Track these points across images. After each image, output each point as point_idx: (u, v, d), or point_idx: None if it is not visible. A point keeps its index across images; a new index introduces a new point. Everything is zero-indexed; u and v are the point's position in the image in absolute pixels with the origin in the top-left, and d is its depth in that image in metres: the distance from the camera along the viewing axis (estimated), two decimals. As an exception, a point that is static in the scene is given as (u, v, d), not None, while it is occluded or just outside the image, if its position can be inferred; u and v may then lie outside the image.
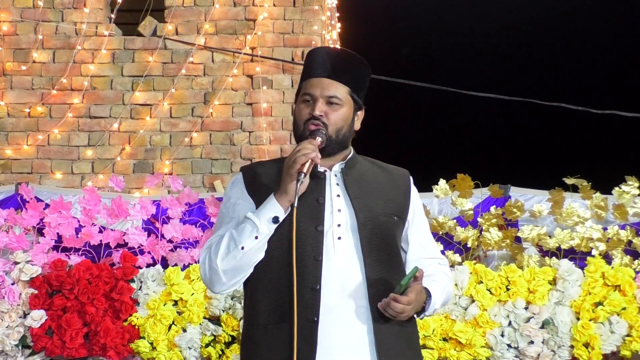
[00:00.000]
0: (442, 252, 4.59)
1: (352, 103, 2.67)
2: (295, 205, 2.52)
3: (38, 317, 4.40)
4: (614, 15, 11.29)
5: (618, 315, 4.21)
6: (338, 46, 8.36)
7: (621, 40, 11.59)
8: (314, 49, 2.77)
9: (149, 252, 4.69)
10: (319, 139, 2.61)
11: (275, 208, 2.55)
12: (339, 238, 2.57)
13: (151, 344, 4.39)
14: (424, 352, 4.22)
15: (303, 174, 2.53)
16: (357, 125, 2.73)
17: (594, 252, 4.53)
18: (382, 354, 2.52)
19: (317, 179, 2.65)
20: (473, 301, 4.26)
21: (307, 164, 2.55)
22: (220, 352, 4.38)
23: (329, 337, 2.52)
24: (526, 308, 4.25)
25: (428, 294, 2.59)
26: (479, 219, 4.67)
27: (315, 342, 2.51)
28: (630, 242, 4.54)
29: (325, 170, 2.67)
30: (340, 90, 2.65)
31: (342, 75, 2.66)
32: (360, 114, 2.73)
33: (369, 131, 2.89)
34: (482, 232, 4.62)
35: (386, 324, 2.53)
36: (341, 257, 2.57)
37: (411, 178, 2.78)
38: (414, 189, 2.76)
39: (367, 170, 2.73)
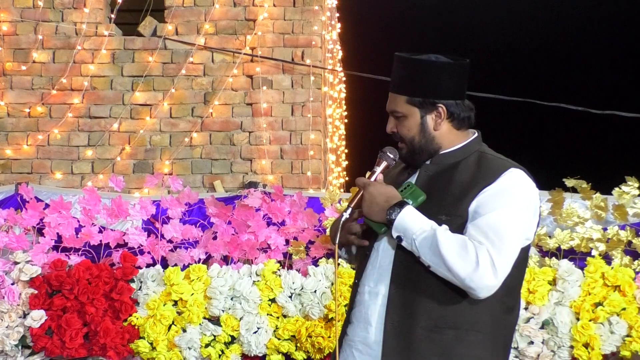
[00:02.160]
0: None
1: (417, 109, 2.62)
2: (337, 254, 2.66)
3: (38, 317, 4.40)
4: (614, 15, 11.29)
5: (618, 315, 4.21)
6: (339, 46, 8.35)
7: (621, 40, 11.60)
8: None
9: (148, 252, 4.69)
10: (383, 164, 2.65)
11: None
12: (397, 237, 2.56)
13: (151, 344, 4.39)
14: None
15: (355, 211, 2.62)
16: (437, 126, 2.62)
17: (593, 252, 4.53)
18: (385, 354, 2.51)
19: (406, 176, 2.69)
20: (473, 301, 4.26)
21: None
22: (220, 352, 4.39)
23: (354, 330, 2.62)
24: (526, 308, 4.25)
25: (398, 207, 2.51)
26: (478, 219, 4.66)
27: (343, 332, 2.65)
28: (630, 243, 4.54)
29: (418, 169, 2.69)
30: (398, 102, 2.64)
31: (400, 86, 2.64)
32: (442, 112, 2.60)
33: (369, 132, 2.88)
34: (482, 233, 4.61)
35: (399, 325, 2.51)
36: (384, 254, 2.60)
37: (508, 172, 2.53)
38: (499, 184, 2.51)
39: (455, 166, 2.60)
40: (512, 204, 2.48)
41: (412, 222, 2.49)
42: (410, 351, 2.48)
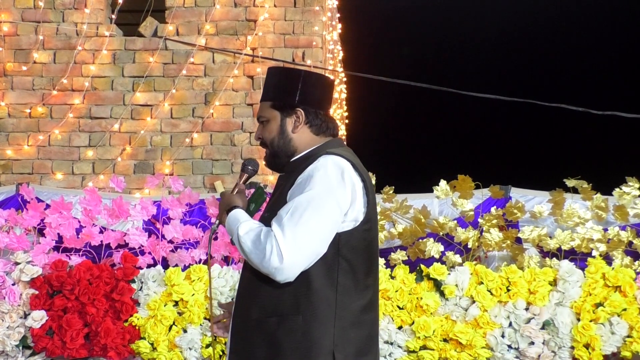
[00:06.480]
0: (443, 253, 4.59)
1: (278, 112, 2.82)
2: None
3: (39, 317, 4.40)
4: (614, 15, 11.30)
5: (618, 316, 4.21)
6: (339, 47, 8.36)
7: (621, 41, 11.60)
8: None
9: (149, 253, 4.69)
10: (244, 176, 2.92)
11: None
12: (230, 239, 2.81)
13: (152, 344, 4.39)
14: (424, 352, 4.22)
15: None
16: (295, 129, 2.81)
17: (594, 253, 4.53)
18: (231, 350, 2.71)
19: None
20: (474, 302, 4.26)
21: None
22: (221, 353, 4.39)
23: None
24: (527, 309, 4.25)
25: (227, 213, 2.76)
26: (479, 220, 4.67)
27: None
28: (630, 243, 4.54)
29: None
30: (264, 109, 2.87)
31: (265, 94, 2.89)
32: (299, 115, 2.79)
33: (369, 131, 2.88)
34: (483, 233, 4.62)
35: (240, 320, 2.70)
36: None
37: (316, 160, 2.66)
38: (305, 172, 2.66)
39: (299, 169, 2.71)
40: (311, 187, 2.60)
41: (231, 223, 2.72)
42: (245, 343, 2.66)
